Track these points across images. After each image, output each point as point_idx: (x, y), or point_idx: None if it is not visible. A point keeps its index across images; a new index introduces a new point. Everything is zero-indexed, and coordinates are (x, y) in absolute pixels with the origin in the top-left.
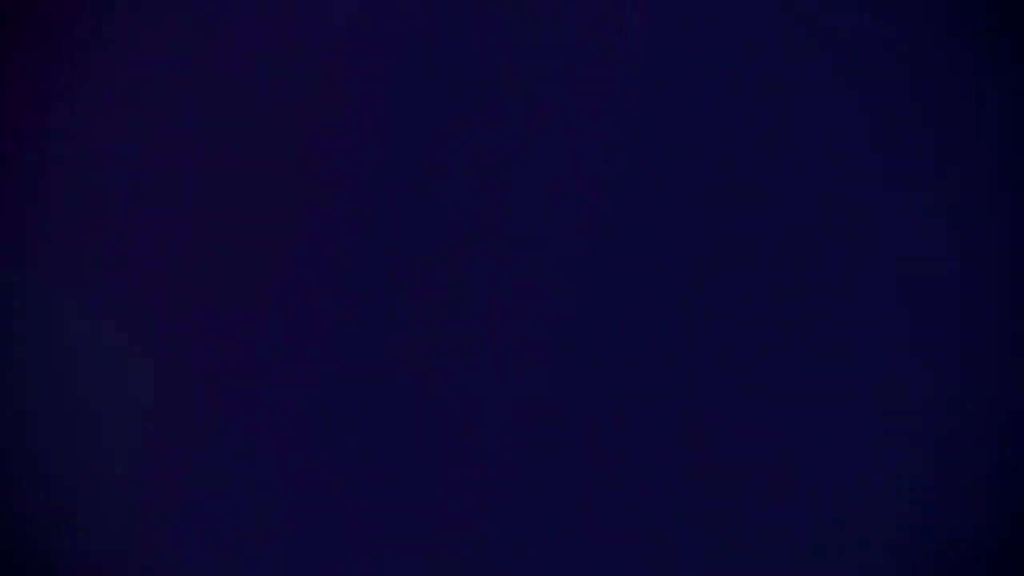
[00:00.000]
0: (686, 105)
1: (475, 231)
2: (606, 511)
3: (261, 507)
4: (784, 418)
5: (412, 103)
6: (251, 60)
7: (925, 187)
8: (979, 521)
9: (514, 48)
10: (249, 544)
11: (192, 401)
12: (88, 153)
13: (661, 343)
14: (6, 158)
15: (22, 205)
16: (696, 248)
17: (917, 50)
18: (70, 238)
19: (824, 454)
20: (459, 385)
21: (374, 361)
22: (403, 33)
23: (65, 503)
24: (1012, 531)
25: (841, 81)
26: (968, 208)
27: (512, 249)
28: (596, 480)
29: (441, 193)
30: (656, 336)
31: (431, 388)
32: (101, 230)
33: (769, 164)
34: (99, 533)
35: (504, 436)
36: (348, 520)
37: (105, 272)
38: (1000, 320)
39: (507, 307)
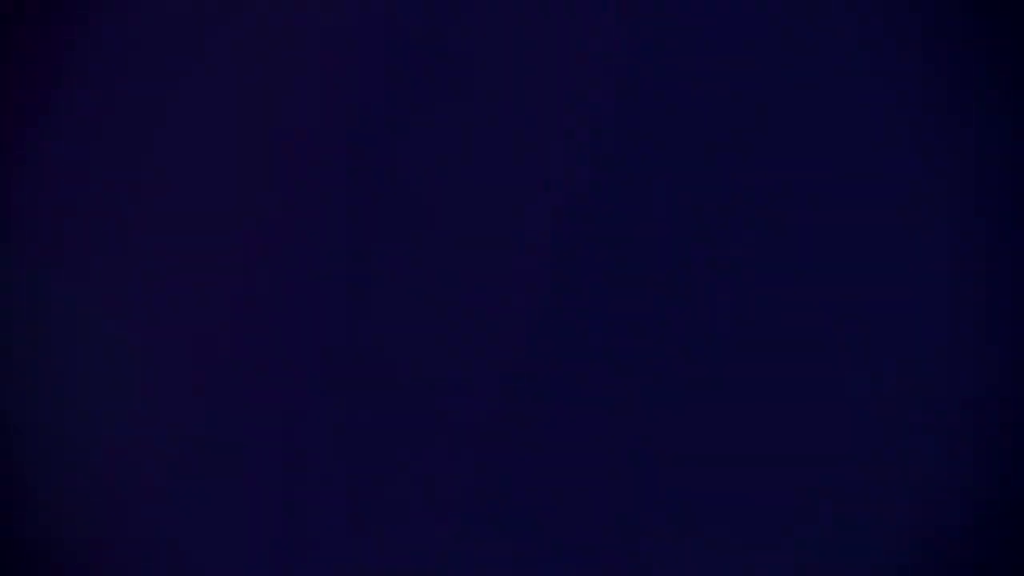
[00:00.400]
0: (684, 104)
1: (462, 229)
2: (603, 511)
3: (258, 505)
4: (784, 418)
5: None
6: (251, 59)
7: (925, 187)
8: (979, 521)
9: (499, 46)
10: (248, 542)
11: (192, 399)
12: (88, 153)
13: (661, 342)
14: (6, 158)
15: (22, 205)
16: (693, 248)
17: (917, 50)
18: (71, 237)
19: (823, 454)
20: (454, 382)
21: (370, 359)
22: (382, 32)
23: (64, 502)
24: (1012, 531)
25: (841, 81)
26: (968, 208)
27: (501, 246)
28: (595, 480)
29: (427, 190)
30: (656, 335)
31: (425, 386)
32: (101, 228)
33: (768, 163)
34: (97, 532)
35: (499, 435)
36: (340, 518)
37: (105, 271)
38: (1000, 320)
39: (501, 305)
